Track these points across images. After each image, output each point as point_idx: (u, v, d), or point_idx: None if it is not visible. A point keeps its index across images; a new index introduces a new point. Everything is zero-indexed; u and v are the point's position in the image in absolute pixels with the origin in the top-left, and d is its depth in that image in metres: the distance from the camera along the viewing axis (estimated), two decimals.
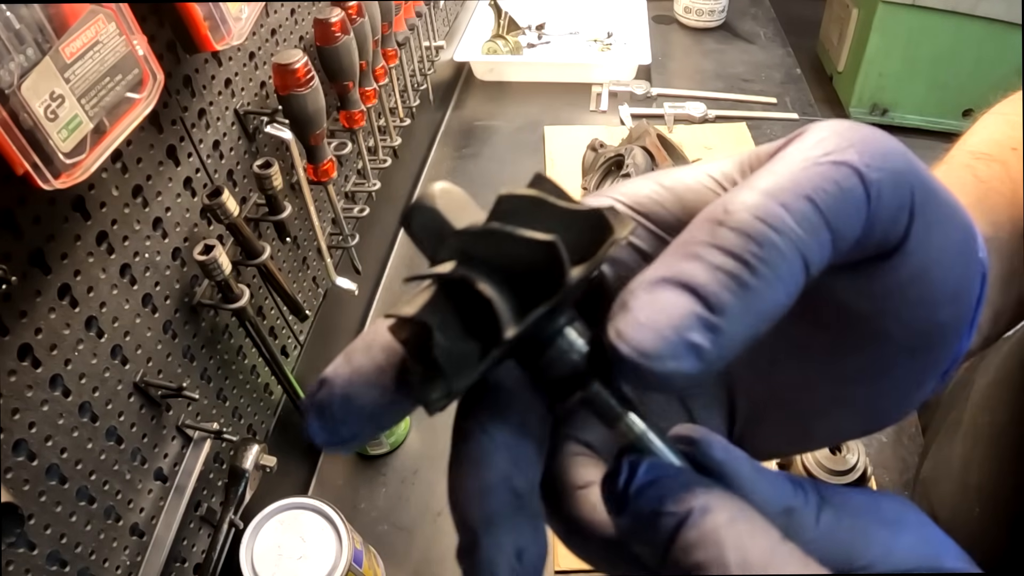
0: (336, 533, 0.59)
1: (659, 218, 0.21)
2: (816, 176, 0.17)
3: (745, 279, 0.16)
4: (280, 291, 0.67)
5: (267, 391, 0.74)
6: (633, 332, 0.15)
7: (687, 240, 0.17)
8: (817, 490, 0.18)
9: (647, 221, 0.21)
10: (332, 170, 0.71)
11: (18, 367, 0.41)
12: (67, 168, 0.38)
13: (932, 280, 0.19)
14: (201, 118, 0.59)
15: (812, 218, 0.16)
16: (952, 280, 0.20)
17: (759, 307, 0.16)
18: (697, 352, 0.15)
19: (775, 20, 1.64)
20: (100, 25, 0.40)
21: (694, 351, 0.15)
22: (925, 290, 0.19)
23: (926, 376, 0.22)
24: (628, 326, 0.15)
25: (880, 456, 0.79)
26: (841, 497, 0.19)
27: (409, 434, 0.85)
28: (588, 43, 1.56)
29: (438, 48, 1.17)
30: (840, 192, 0.17)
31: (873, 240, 0.18)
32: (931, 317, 0.20)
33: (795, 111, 1.33)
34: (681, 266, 0.16)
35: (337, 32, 0.68)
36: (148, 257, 0.53)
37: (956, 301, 0.20)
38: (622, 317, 0.15)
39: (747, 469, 0.17)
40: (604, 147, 1.07)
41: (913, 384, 0.22)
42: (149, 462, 0.54)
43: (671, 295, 0.16)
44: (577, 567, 0.72)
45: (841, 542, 0.18)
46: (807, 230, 0.16)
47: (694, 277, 0.16)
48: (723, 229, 0.16)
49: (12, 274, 0.39)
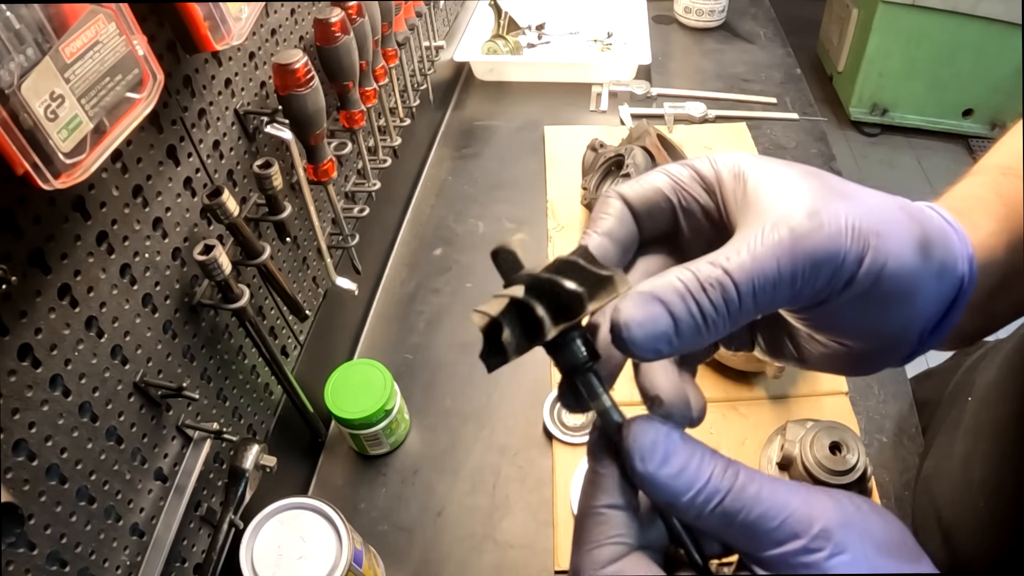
0: (336, 533, 0.59)
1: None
2: (775, 263, 0.26)
3: (704, 324, 0.25)
4: (280, 291, 0.68)
5: (267, 391, 0.74)
6: (633, 329, 0.25)
7: (686, 274, 0.26)
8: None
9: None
10: (332, 170, 0.71)
11: (18, 367, 0.41)
12: (67, 168, 0.38)
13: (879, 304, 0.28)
14: (201, 118, 0.59)
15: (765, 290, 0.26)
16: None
17: (703, 338, 0.26)
18: (658, 352, 0.25)
19: (775, 20, 1.64)
20: (100, 25, 0.40)
21: (658, 351, 0.25)
22: (870, 312, 0.28)
23: (887, 363, 0.31)
24: (631, 322, 0.25)
25: (880, 456, 0.79)
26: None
27: (409, 434, 0.85)
28: (588, 43, 1.56)
29: (438, 48, 1.17)
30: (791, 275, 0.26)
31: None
32: (879, 328, 0.29)
33: (795, 111, 1.33)
34: (672, 297, 0.25)
35: (337, 32, 0.68)
36: (148, 257, 0.53)
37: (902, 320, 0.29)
38: (628, 313, 0.25)
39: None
40: (604, 147, 1.07)
41: (876, 366, 0.31)
42: (149, 462, 0.54)
43: (659, 314, 0.25)
44: None
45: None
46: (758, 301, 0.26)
47: (676, 310, 0.25)
48: (706, 286, 0.25)
49: (12, 274, 0.39)
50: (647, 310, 0.25)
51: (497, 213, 1.14)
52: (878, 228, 0.26)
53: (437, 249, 1.09)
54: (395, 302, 1.01)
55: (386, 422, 0.79)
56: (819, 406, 0.84)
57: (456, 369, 0.92)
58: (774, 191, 0.27)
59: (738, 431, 0.82)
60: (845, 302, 0.27)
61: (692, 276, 0.25)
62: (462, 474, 0.81)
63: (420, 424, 0.86)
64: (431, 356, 0.94)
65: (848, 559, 0.24)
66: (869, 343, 0.30)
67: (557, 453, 0.82)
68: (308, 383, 0.77)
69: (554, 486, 0.79)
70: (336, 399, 0.77)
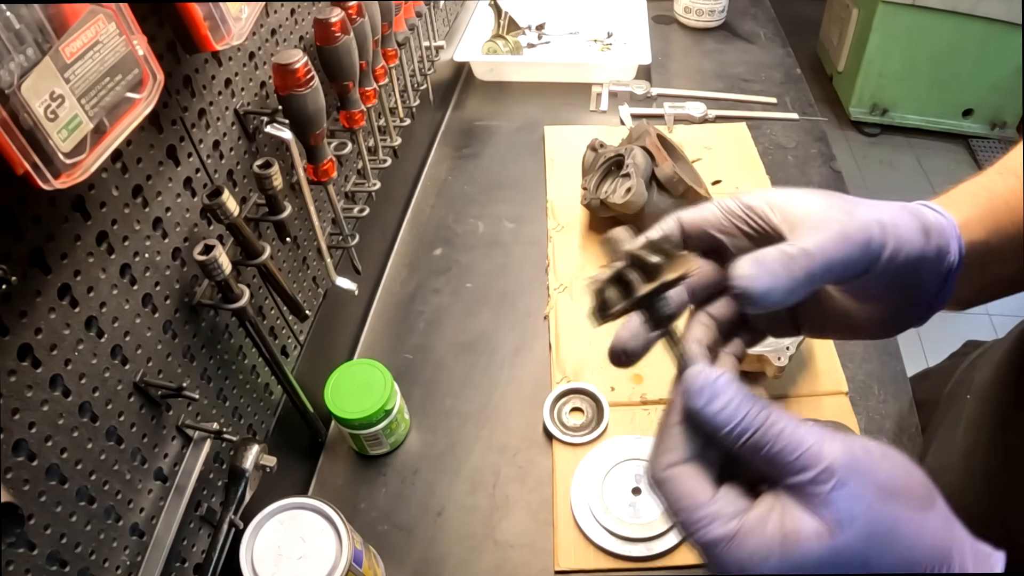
0: (336, 533, 0.59)
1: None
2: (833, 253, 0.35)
3: (793, 285, 0.33)
4: (280, 291, 0.68)
5: (267, 391, 0.74)
6: (749, 282, 0.32)
7: (775, 251, 0.34)
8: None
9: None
10: (332, 170, 0.71)
11: (18, 367, 0.41)
12: (67, 168, 0.38)
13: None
14: (201, 118, 0.59)
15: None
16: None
17: (793, 297, 0.33)
18: (766, 298, 0.33)
19: (775, 20, 1.64)
20: (100, 25, 0.40)
21: (766, 298, 0.33)
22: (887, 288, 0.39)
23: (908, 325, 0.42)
24: (747, 276, 0.33)
25: None
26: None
27: (409, 434, 0.85)
28: (588, 43, 1.56)
29: (438, 48, 1.17)
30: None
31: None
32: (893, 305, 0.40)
33: (795, 111, 1.33)
34: (776, 264, 0.33)
35: (337, 32, 0.68)
36: (148, 257, 0.53)
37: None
38: (745, 271, 0.33)
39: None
40: (604, 147, 1.07)
41: (899, 327, 0.41)
42: (149, 462, 0.54)
43: (766, 273, 0.33)
44: (577, 567, 0.73)
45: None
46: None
47: (779, 272, 0.33)
48: (795, 258, 0.34)
49: (12, 274, 0.39)
50: (758, 270, 0.33)
51: (497, 213, 1.14)
52: (895, 222, 0.36)
53: (437, 249, 1.09)
54: (395, 302, 1.02)
55: (386, 422, 0.79)
56: (819, 406, 0.84)
57: (456, 369, 0.92)
58: (814, 206, 0.36)
59: None
60: (876, 275, 0.36)
61: (782, 252, 0.33)
62: (462, 474, 0.81)
63: (420, 424, 0.86)
64: (431, 356, 0.94)
65: (847, 493, 0.29)
66: (892, 307, 0.40)
67: (557, 453, 0.82)
68: (308, 383, 0.77)
69: (554, 486, 0.79)
70: (336, 399, 0.77)
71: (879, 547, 0.29)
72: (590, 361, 0.90)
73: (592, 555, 0.73)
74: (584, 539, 0.74)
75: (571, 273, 1.02)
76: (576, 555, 0.73)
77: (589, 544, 0.74)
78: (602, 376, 0.88)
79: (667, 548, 0.72)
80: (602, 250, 0.37)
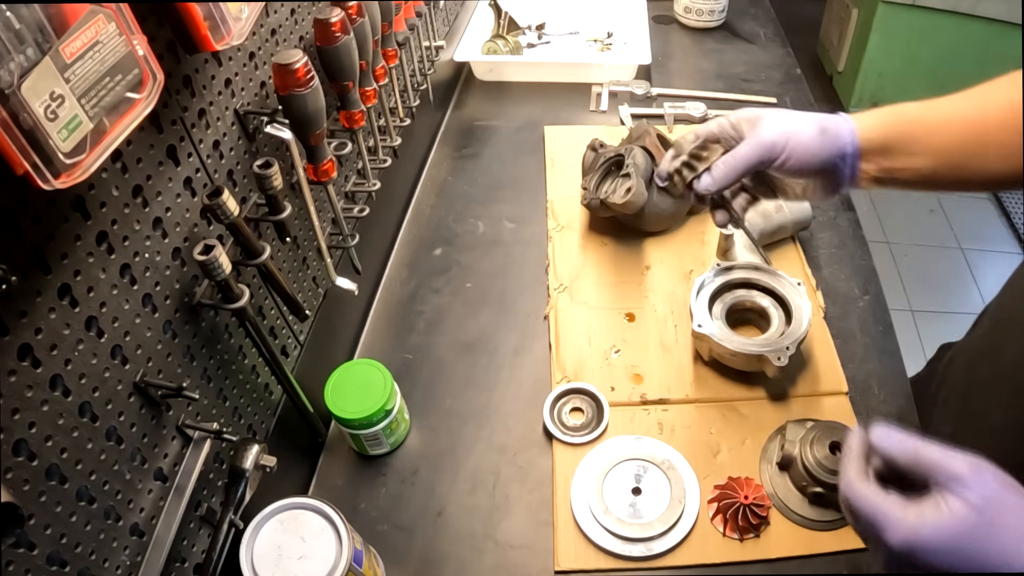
0: (336, 533, 0.59)
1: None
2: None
3: (726, 174, 0.68)
4: (280, 291, 0.68)
5: (267, 391, 0.74)
6: (703, 182, 0.70)
7: (727, 157, 0.68)
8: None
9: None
10: (332, 170, 0.71)
11: (18, 367, 0.41)
12: (67, 168, 0.38)
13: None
14: (201, 118, 0.59)
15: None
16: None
17: (727, 182, 0.69)
18: (713, 186, 0.69)
19: (775, 20, 1.64)
20: (100, 25, 0.40)
21: (715, 186, 0.69)
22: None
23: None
24: (703, 181, 0.70)
25: None
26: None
27: (409, 434, 0.85)
28: (588, 43, 1.56)
29: (438, 48, 1.17)
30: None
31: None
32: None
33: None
34: (721, 167, 0.68)
35: (337, 32, 0.68)
36: (148, 257, 0.53)
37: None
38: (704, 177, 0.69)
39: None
40: (604, 147, 1.07)
41: (831, 192, 0.68)
42: (149, 462, 0.54)
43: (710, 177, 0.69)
44: (577, 567, 0.73)
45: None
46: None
47: (718, 171, 0.69)
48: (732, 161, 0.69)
49: (12, 274, 0.39)
50: (708, 176, 0.68)
51: (497, 213, 1.14)
52: (797, 128, 0.64)
53: (437, 249, 1.09)
54: (395, 302, 1.02)
55: (386, 422, 0.79)
56: (819, 406, 0.84)
57: (456, 369, 0.92)
58: (764, 122, 0.66)
59: (738, 431, 0.82)
60: (786, 161, 0.64)
61: (723, 161, 0.67)
62: (462, 474, 0.81)
63: (420, 424, 0.86)
64: (431, 356, 0.94)
65: (979, 482, 0.43)
66: (816, 180, 0.67)
67: (557, 453, 0.82)
68: (308, 383, 0.77)
69: (554, 486, 0.79)
70: (336, 399, 0.77)
71: (1003, 516, 0.42)
72: (590, 361, 0.90)
73: (592, 555, 0.73)
74: (584, 539, 0.74)
75: (571, 273, 1.02)
76: (576, 555, 0.73)
77: (589, 544, 0.74)
78: (602, 376, 0.88)
79: (667, 548, 0.72)
80: (670, 150, 0.73)
